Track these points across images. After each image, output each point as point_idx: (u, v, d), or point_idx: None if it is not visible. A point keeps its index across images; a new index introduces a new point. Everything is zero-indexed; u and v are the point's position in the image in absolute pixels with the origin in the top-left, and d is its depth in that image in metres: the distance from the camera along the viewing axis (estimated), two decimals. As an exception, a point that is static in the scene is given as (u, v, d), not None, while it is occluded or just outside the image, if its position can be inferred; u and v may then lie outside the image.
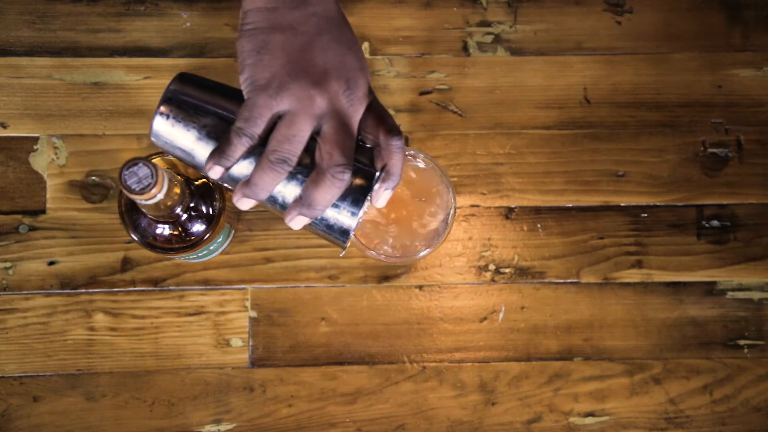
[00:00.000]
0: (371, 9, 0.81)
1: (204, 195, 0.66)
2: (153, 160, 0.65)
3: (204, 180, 0.66)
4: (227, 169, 0.54)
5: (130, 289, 0.77)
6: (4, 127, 0.79)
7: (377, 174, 0.56)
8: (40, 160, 0.78)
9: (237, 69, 0.79)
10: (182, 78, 0.56)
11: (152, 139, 0.55)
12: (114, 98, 0.79)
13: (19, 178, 0.78)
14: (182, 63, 0.80)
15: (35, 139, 0.78)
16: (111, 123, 0.79)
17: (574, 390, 0.78)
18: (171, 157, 0.66)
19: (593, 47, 0.82)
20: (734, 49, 0.82)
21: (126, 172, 0.55)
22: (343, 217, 0.56)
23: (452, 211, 0.69)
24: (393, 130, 0.56)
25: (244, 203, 0.55)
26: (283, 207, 0.56)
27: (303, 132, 0.53)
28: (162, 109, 0.54)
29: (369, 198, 0.56)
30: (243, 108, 0.53)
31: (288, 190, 0.55)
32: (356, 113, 0.55)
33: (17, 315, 0.77)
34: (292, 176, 0.55)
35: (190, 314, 0.77)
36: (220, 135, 0.54)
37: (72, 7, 0.80)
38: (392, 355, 0.78)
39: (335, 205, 0.56)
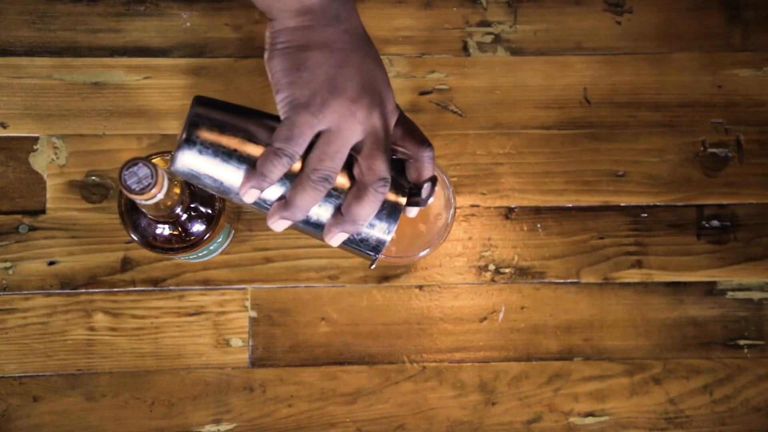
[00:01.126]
0: (371, 9, 0.81)
1: (204, 195, 0.66)
2: (153, 160, 0.65)
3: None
4: (262, 191, 0.53)
5: (130, 289, 0.77)
6: (4, 127, 0.79)
7: (426, 185, 0.56)
8: (40, 160, 0.78)
9: (237, 69, 0.80)
10: (201, 102, 0.54)
11: (175, 168, 0.53)
12: (114, 98, 0.79)
13: (19, 178, 0.78)
14: (182, 63, 0.80)
15: (35, 139, 0.78)
16: (111, 123, 0.79)
17: (574, 390, 0.78)
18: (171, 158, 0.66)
19: (593, 47, 0.82)
20: (734, 49, 0.82)
21: (126, 172, 0.55)
22: (378, 230, 0.56)
23: (452, 211, 0.69)
24: (424, 142, 0.56)
25: (281, 225, 0.54)
26: (316, 226, 0.55)
27: (344, 149, 0.53)
28: (188, 135, 0.52)
29: (404, 209, 0.56)
30: (282, 127, 0.52)
31: (322, 209, 0.55)
32: (390, 127, 0.55)
33: (17, 315, 0.77)
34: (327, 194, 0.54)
35: (190, 314, 0.77)
36: (250, 158, 0.53)
37: (72, 7, 0.80)
38: (392, 355, 0.78)
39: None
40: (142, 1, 0.80)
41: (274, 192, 0.54)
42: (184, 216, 0.65)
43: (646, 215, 0.80)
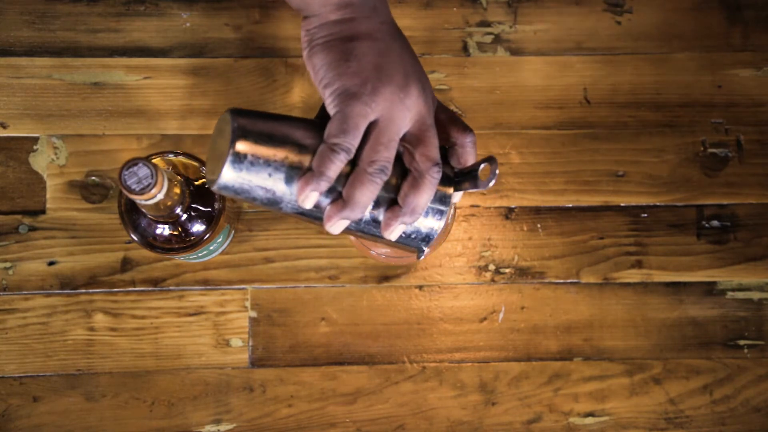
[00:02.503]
0: (371, 9, 0.81)
1: (204, 195, 0.66)
2: (153, 160, 0.65)
3: (204, 180, 0.66)
4: (321, 192, 0.51)
5: (130, 289, 0.77)
6: (4, 127, 0.79)
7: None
8: (40, 160, 0.78)
9: (237, 69, 0.80)
10: (240, 113, 0.52)
11: (224, 185, 0.51)
12: (114, 98, 0.79)
13: (19, 178, 0.78)
14: (182, 63, 0.80)
15: (35, 139, 0.78)
16: (111, 123, 0.79)
17: (574, 390, 0.78)
18: (171, 157, 0.66)
19: (593, 47, 0.82)
20: (734, 49, 0.82)
21: (126, 172, 0.55)
22: (430, 219, 0.55)
23: (452, 211, 0.69)
24: (466, 128, 0.55)
25: (341, 226, 0.52)
26: (370, 223, 0.54)
27: (397, 137, 0.52)
28: (236, 148, 0.50)
29: (452, 196, 0.55)
30: (334, 121, 0.51)
31: (372, 204, 0.53)
32: (433, 113, 0.55)
33: (17, 315, 0.77)
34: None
35: (190, 314, 0.77)
36: (301, 164, 0.51)
37: (72, 7, 0.80)
38: (392, 355, 0.78)
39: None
40: (142, 1, 0.80)
41: (324, 194, 0.52)
42: (184, 216, 0.65)
43: (646, 215, 0.80)
